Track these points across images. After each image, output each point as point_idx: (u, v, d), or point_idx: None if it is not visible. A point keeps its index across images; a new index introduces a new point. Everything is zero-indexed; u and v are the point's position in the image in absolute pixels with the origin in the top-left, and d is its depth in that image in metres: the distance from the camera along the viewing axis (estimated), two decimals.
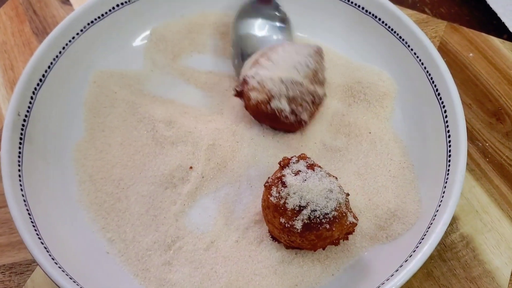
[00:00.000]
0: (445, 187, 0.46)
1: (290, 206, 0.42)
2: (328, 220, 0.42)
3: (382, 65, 0.58)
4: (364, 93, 0.56)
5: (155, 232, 0.50)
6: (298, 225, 0.42)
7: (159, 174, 0.52)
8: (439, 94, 0.51)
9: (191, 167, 0.52)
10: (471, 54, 0.64)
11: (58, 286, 0.42)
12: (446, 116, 0.50)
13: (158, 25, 0.62)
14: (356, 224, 0.45)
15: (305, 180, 0.43)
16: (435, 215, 0.44)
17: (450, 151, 0.48)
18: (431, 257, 0.50)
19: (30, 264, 0.50)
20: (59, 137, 0.53)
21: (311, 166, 0.45)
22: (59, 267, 0.43)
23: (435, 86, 0.52)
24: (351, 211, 0.45)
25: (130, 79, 0.59)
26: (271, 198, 0.44)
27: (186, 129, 0.54)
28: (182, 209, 0.51)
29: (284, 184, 0.43)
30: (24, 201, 0.46)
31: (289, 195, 0.43)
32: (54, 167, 0.51)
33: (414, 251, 0.43)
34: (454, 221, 0.52)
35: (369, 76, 0.57)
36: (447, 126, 0.49)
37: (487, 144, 0.57)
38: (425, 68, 0.53)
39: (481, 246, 0.51)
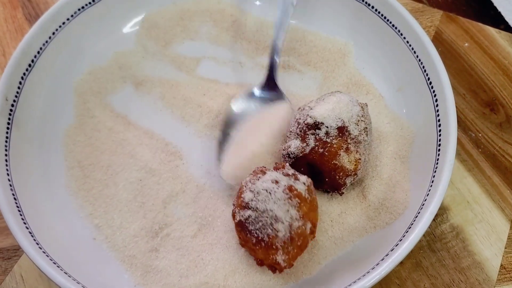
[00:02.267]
0: (434, 176, 0.45)
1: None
2: (258, 235, 0.42)
3: (373, 53, 0.57)
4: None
5: (142, 219, 0.49)
6: (237, 216, 0.43)
7: (148, 161, 0.52)
8: (430, 83, 0.50)
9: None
10: (466, 44, 0.63)
11: (41, 271, 0.42)
12: (437, 105, 0.49)
13: (150, 12, 0.61)
14: (280, 270, 0.43)
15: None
16: (423, 204, 0.44)
17: (440, 140, 0.47)
18: (420, 247, 0.50)
19: (18, 250, 0.50)
20: (48, 122, 0.53)
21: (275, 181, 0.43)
22: (43, 251, 0.43)
23: (427, 75, 0.51)
24: (289, 254, 0.43)
25: (121, 65, 0.58)
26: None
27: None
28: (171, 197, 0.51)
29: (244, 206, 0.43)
30: (10, 186, 0.46)
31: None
32: (42, 152, 0.51)
33: (400, 240, 0.42)
34: (444, 211, 0.52)
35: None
36: (438, 115, 0.48)
37: (480, 135, 0.56)
38: (417, 56, 0.52)
39: (471, 237, 0.51)
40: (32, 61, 0.53)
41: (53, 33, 0.55)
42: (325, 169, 0.47)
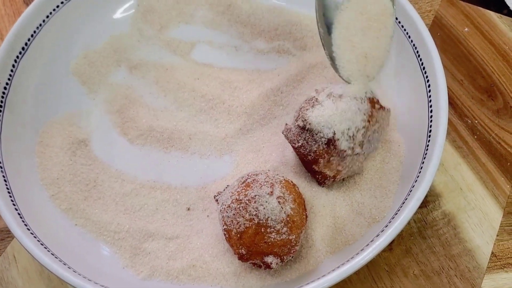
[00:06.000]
0: (423, 162, 0.45)
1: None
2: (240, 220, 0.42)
3: None
4: None
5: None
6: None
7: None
8: (424, 68, 0.49)
9: None
10: (466, 29, 0.62)
11: (28, 251, 0.42)
12: (429, 91, 0.48)
13: None
14: (269, 266, 0.43)
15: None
16: (411, 191, 0.44)
17: (431, 126, 0.46)
18: (410, 234, 0.50)
19: (10, 231, 0.51)
20: (41, 107, 0.53)
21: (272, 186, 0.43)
22: (31, 233, 0.43)
23: (420, 60, 0.50)
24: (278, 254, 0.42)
25: (116, 49, 0.58)
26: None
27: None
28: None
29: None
30: (1, 167, 0.46)
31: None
32: (33, 135, 0.52)
33: (386, 226, 0.42)
34: (436, 198, 0.51)
35: None
36: (430, 100, 0.48)
37: (476, 121, 0.55)
38: (412, 41, 0.51)
39: (463, 224, 0.50)
40: (26, 44, 0.53)
41: (47, 16, 0.55)
42: (306, 167, 0.47)
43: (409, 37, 0.52)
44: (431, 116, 0.47)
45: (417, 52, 0.51)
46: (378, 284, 0.48)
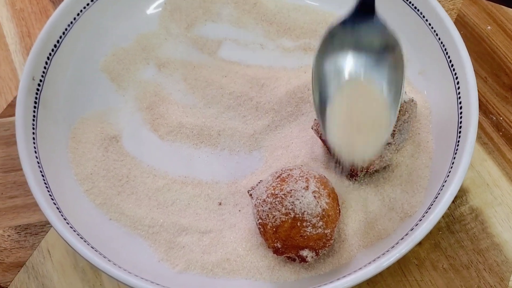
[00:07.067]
0: (454, 157, 0.45)
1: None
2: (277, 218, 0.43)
3: None
4: None
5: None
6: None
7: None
8: (452, 65, 0.50)
9: None
10: (489, 27, 0.62)
11: (70, 246, 0.43)
12: (458, 88, 0.49)
13: None
14: (307, 260, 0.44)
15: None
16: (443, 186, 0.44)
17: (461, 122, 0.47)
18: (439, 229, 0.50)
19: (45, 226, 0.52)
20: (74, 103, 0.54)
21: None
22: (70, 227, 0.44)
23: (449, 57, 0.51)
24: (317, 247, 0.43)
25: (144, 47, 0.59)
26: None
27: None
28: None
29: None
30: (38, 163, 0.47)
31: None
32: (66, 132, 0.52)
33: (420, 220, 0.43)
34: (464, 193, 0.52)
35: None
36: (459, 97, 0.49)
37: (501, 118, 0.56)
38: (439, 39, 0.52)
39: (490, 219, 0.51)
40: (58, 41, 0.54)
41: (78, 14, 0.56)
42: None
43: (437, 34, 0.52)
44: (461, 113, 0.48)
45: (445, 49, 0.51)
46: (408, 278, 0.48)
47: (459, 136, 0.46)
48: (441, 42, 0.52)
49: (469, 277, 0.48)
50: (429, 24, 0.53)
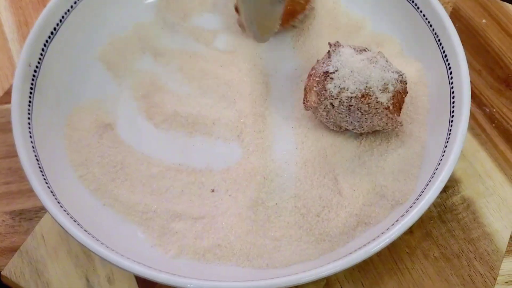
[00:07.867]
0: (446, 146, 0.46)
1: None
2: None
3: (389, 26, 0.57)
4: None
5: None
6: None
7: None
8: (446, 56, 0.51)
9: None
10: (484, 21, 0.63)
11: (64, 229, 0.43)
12: (451, 78, 0.49)
13: None
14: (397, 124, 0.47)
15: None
16: (434, 173, 0.45)
17: (453, 112, 0.48)
18: (430, 218, 0.51)
19: (39, 211, 0.52)
20: (70, 90, 0.55)
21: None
22: (64, 210, 0.44)
23: (442, 48, 0.51)
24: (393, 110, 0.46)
25: (141, 36, 0.60)
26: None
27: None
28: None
29: None
30: (33, 147, 0.48)
31: None
32: (62, 119, 0.53)
33: (410, 207, 0.43)
34: (456, 184, 0.52)
35: None
36: (452, 87, 0.49)
37: (494, 110, 0.57)
38: (433, 30, 0.53)
39: (481, 209, 0.51)
40: (55, 29, 0.54)
41: (75, 2, 0.56)
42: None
43: (431, 26, 0.53)
44: (453, 102, 0.48)
45: (439, 40, 0.52)
46: (399, 266, 0.49)
47: (451, 125, 0.47)
48: (435, 34, 0.52)
49: (459, 265, 0.48)
50: (424, 16, 0.54)
